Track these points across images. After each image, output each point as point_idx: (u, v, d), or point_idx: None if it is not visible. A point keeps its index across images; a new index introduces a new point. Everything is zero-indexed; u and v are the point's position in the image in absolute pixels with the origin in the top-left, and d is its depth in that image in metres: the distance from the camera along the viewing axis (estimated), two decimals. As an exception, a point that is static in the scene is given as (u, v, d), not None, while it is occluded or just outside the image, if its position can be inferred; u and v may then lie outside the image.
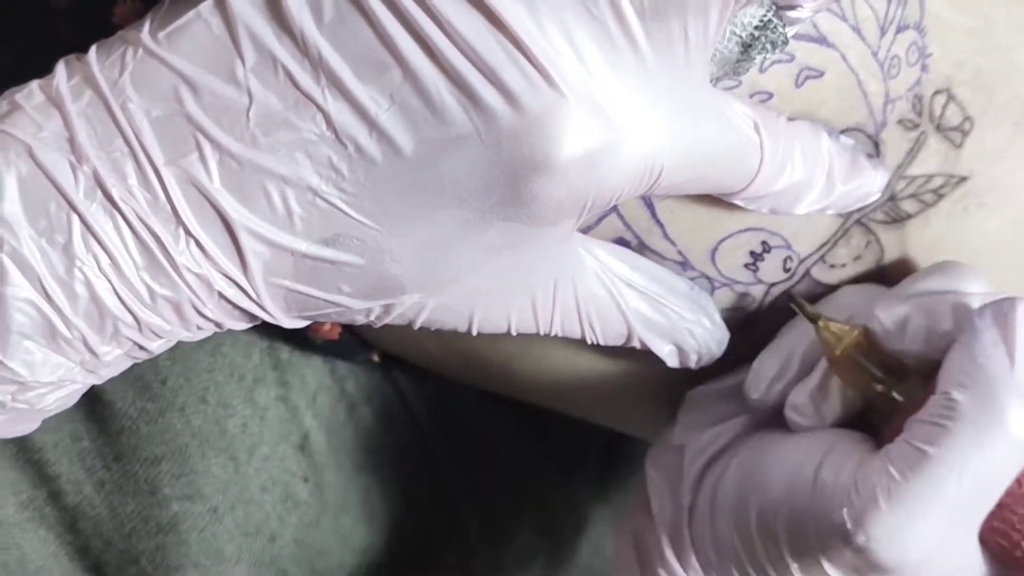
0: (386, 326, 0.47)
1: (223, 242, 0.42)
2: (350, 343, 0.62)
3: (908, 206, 0.52)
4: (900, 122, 0.51)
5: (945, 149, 0.52)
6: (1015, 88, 0.53)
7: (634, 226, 0.51)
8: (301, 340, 0.62)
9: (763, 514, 0.49)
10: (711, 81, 0.46)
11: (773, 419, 0.53)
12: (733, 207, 0.51)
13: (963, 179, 0.52)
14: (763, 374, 0.53)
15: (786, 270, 0.53)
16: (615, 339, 0.51)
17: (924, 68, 0.51)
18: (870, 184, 0.51)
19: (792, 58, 0.48)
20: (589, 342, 0.50)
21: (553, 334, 0.49)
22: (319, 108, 0.40)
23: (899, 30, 0.50)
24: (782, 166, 0.47)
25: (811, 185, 0.49)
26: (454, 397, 0.67)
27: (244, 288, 0.43)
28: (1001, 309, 0.45)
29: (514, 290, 0.46)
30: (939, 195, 0.52)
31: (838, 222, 0.52)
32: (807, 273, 0.53)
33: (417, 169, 0.41)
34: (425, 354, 0.60)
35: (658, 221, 0.51)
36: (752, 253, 0.52)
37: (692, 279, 0.53)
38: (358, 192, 0.41)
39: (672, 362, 0.52)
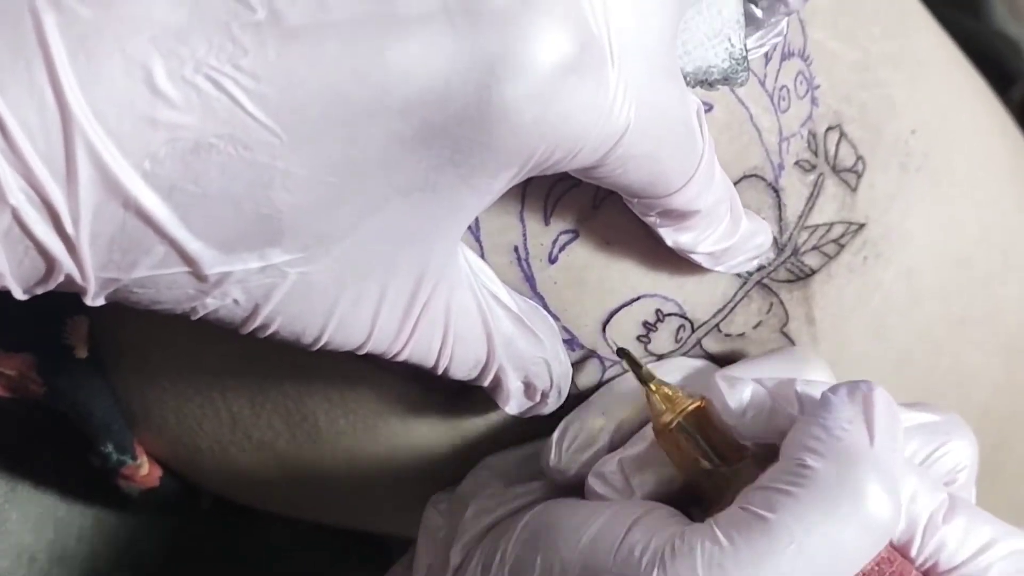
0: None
1: (44, 127, 0.31)
2: (173, 491, 0.52)
3: (811, 260, 0.47)
4: (797, 163, 0.46)
5: (842, 194, 0.47)
6: (897, 128, 0.49)
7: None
8: (105, 497, 0.52)
9: (551, 569, 0.41)
10: None
11: (573, 492, 0.45)
12: (625, 274, 0.45)
13: (861, 226, 0.48)
14: (567, 438, 0.45)
15: (677, 340, 0.46)
16: (466, 369, 0.42)
17: (814, 101, 0.46)
18: (765, 232, 0.45)
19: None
20: (438, 369, 0.41)
21: (403, 355, 0.40)
22: None
23: (784, 57, 0.45)
24: (712, 173, 0.41)
25: (720, 215, 0.43)
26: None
27: (57, 209, 0.31)
28: (859, 388, 0.41)
29: (400, 268, 0.38)
30: (840, 245, 0.47)
31: (737, 284, 0.46)
32: (698, 344, 0.47)
33: (357, 53, 0.32)
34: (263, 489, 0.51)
35: (538, 295, 0.45)
36: (645, 324, 0.46)
37: (579, 361, 0.46)
38: (263, 77, 0.32)
39: (515, 405, 0.44)
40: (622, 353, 0.45)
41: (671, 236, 0.43)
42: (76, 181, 0.31)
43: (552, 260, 0.44)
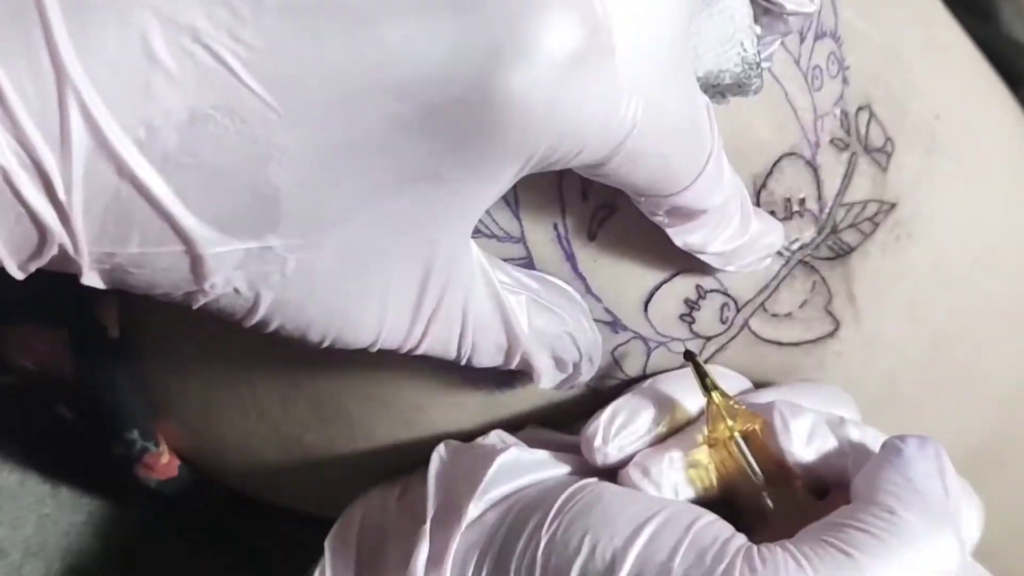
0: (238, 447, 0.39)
1: (39, 91, 0.30)
2: (189, 482, 0.51)
3: (849, 237, 0.47)
4: (832, 142, 0.46)
5: (873, 172, 0.47)
6: (921, 111, 0.49)
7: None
8: (125, 491, 0.51)
9: (600, 555, 0.40)
10: None
11: (605, 475, 0.45)
12: (660, 250, 0.44)
13: (893, 206, 0.48)
14: (616, 423, 0.44)
15: (723, 321, 0.46)
16: (489, 356, 0.41)
17: (845, 81, 0.46)
18: (777, 231, 0.45)
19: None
20: (460, 360, 0.41)
21: (420, 349, 0.40)
22: None
23: (817, 37, 0.46)
24: (720, 171, 0.41)
25: (729, 215, 0.42)
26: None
27: (49, 173, 0.31)
28: (929, 445, 0.43)
29: (405, 260, 0.37)
30: (875, 223, 0.48)
31: (780, 262, 0.46)
32: (745, 325, 0.47)
33: (357, 30, 0.31)
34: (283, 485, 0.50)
35: (579, 275, 0.44)
36: (687, 301, 0.45)
37: (624, 343, 0.45)
38: (260, 49, 0.31)
39: (548, 380, 0.43)
40: (688, 356, 0.44)
41: (680, 236, 0.42)
42: (69, 146, 0.31)
43: (591, 237, 0.44)
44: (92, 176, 0.32)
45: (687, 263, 0.44)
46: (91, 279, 0.34)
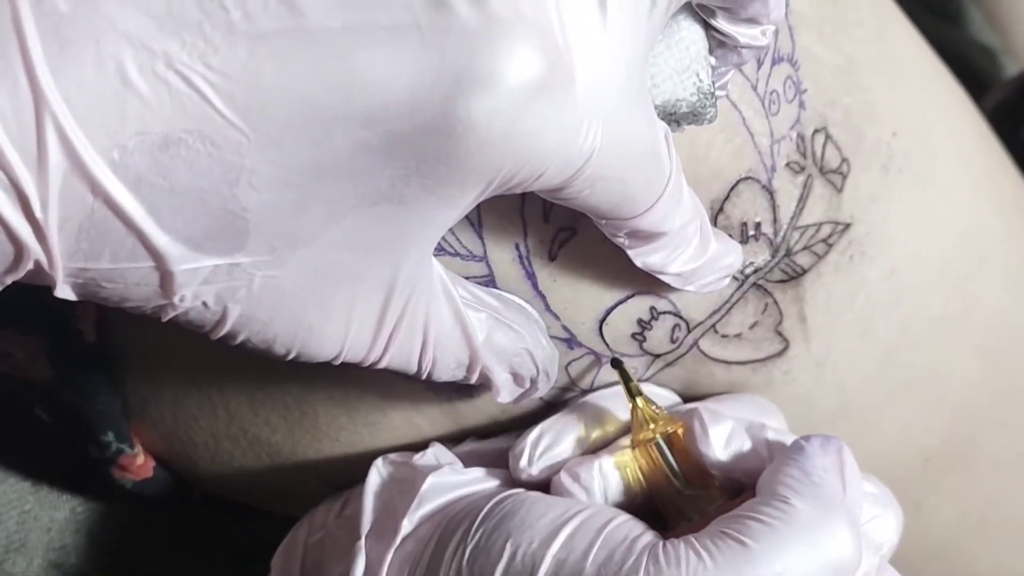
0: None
1: (16, 111, 0.32)
2: (165, 482, 0.53)
3: (802, 260, 0.48)
4: (788, 165, 0.47)
5: (829, 194, 0.48)
6: (878, 130, 0.50)
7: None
8: (100, 491, 0.52)
9: (520, 559, 0.42)
10: None
11: (535, 488, 0.47)
12: (619, 272, 0.45)
13: (847, 226, 0.49)
14: (543, 443, 0.46)
15: (673, 340, 0.48)
16: (449, 371, 0.43)
17: (802, 105, 0.47)
18: (735, 252, 0.46)
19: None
20: (421, 374, 0.43)
21: (382, 363, 0.41)
22: None
23: (774, 62, 0.46)
24: (679, 195, 0.42)
25: (689, 237, 0.44)
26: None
27: (25, 192, 0.32)
28: (832, 441, 0.45)
29: (369, 277, 0.38)
30: (828, 244, 0.49)
31: (733, 285, 0.48)
32: (695, 345, 0.48)
33: (325, 58, 0.33)
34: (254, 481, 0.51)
35: (539, 293, 0.46)
36: (640, 321, 0.47)
37: (578, 358, 0.47)
38: (232, 75, 0.33)
39: (507, 395, 0.45)
40: (616, 364, 0.46)
41: (640, 257, 0.43)
42: (46, 166, 0.32)
43: (552, 257, 0.45)
44: (67, 195, 0.33)
45: (643, 285, 0.46)
46: (64, 292, 0.36)
